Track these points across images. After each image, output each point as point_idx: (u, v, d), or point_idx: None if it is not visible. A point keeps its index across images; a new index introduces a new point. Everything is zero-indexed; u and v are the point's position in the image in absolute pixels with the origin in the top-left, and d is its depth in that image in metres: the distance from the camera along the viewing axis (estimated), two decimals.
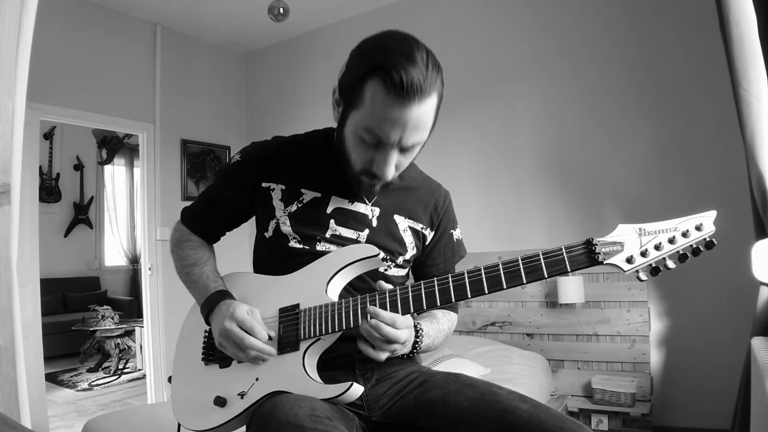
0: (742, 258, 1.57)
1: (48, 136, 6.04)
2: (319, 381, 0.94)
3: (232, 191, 1.12)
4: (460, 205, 1.26)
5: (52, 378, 4.65)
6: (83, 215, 6.55)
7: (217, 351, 1.03)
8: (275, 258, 1.09)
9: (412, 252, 1.14)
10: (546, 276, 0.84)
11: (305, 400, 0.87)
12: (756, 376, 1.35)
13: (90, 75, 3.55)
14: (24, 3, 0.89)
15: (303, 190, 1.08)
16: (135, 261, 6.90)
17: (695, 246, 0.81)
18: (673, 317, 2.78)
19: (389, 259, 1.10)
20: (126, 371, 4.89)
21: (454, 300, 0.90)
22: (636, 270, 0.83)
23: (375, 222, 1.10)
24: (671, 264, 0.82)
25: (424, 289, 0.92)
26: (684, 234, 0.81)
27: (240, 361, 1.00)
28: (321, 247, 1.06)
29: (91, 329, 4.93)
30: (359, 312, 0.93)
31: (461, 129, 3.40)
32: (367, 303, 0.94)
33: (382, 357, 0.93)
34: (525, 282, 0.85)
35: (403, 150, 0.96)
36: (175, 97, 4.03)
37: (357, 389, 0.91)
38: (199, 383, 1.04)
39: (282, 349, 0.97)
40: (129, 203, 7.00)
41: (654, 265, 0.83)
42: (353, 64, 0.95)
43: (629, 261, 0.82)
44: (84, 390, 4.36)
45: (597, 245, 0.83)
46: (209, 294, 1.05)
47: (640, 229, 0.83)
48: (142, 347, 4.66)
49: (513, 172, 3.27)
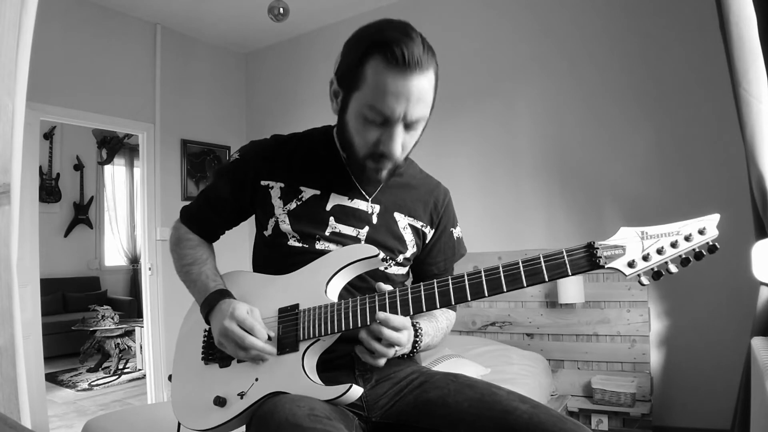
0: (742, 258, 1.57)
1: (48, 136, 6.04)
2: (319, 382, 0.93)
3: (231, 190, 1.12)
4: (460, 205, 1.26)
5: (52, 378, 4.65)
6: (83, 215, 6.55)
7: (217, 350, 1.03)
8: (275, 257, 1.08)
9: (412, 250, 1.13)
10: (547, 279, 0.84)
11: (304, 400, 0.87)
12: (756, 376, 1.35)
13: (90, 75, 3.55)
14: (24, 3, 0.89)
15: (302, 187, 1.08)
16: (135, 261, 6.90)
17: (698, 250, 0.80)
18: (673, 317, 2.78)
19: (389, 258, 1.10)
20: (126, 371, 4.88)
21: (453, 303, 0.90)
22: (638, 274, 0.82)
23: (375, 219, 1.09)
24: (673, 268, 0.80)
25: (423, 292, 0.91)
26: (687, 238, 0.80)
27: (240, 361, 1.00)
28: (320, 246, 1.06)
29: (91, 329, 4.93)
30: (359, 313, 0.93)
31: (461, 129, 3.40)
32: (367, 305, 0.93)
33: (380, 363, 0.93)
34: (525, 285, 0.85)
35: (408, 126, 0.96)
36: (175, 97, 4.03)
37: (356, 390, 0.91)
38: (199, 383, 1.04)
39: (281, 350, 0.97)
40: (129, 203, 7.00)
41: (656, 270, 0.81)
42: (350, 50, 0.96)
43: (631, 265, 0.81)
44: (84, 390, 4.36)
45: (598, 249, 0.82)
46: (209, 293, 1.05)
47: (642, 233, 0.82)
48: (142, 347, 4.66)
49: (513, 172, 3.27)
